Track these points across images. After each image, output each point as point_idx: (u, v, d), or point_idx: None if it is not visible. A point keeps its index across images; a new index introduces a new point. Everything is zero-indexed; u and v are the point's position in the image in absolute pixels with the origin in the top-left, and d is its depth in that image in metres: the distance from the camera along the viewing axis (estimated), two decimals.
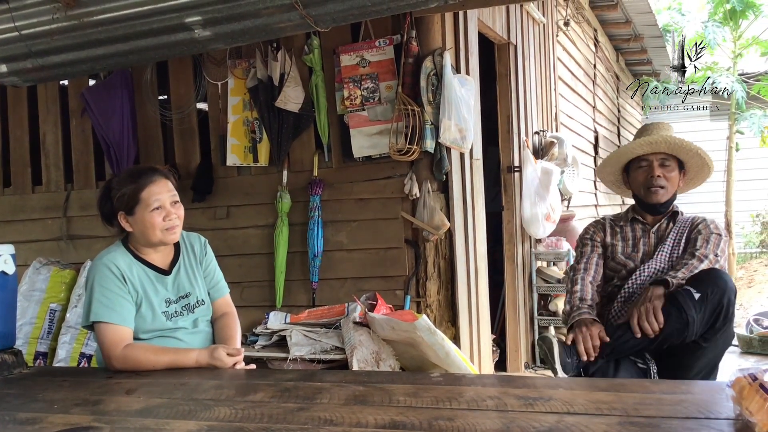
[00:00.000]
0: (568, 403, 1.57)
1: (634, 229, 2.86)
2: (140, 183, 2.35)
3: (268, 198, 4.08)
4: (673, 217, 2.81)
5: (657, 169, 2.74)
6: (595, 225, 2.98)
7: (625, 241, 2.85)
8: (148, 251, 2.43)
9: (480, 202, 4.21)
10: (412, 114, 3.58)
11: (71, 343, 4.14)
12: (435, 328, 3.22)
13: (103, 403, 1.87)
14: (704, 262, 2.60)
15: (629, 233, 2.86)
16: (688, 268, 2.58)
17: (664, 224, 2.81)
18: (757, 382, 1.33)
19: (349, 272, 3.94)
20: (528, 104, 5.42)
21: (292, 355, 3.48)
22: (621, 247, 2.85)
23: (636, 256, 2.80)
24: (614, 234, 2.89)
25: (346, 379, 1.98)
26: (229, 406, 1.73)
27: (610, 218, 2.99)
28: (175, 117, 4.38)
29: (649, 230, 2.82)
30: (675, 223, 2.79)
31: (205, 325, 2.52)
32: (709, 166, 2.79)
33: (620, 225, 2.90)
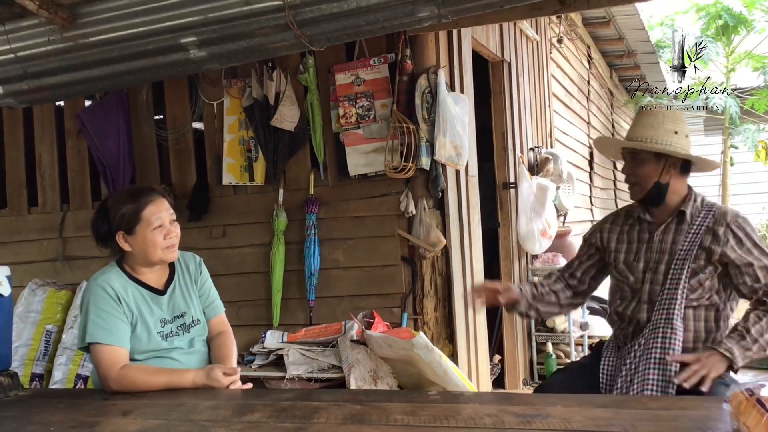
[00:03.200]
0: (566, 420, 1.57)
1: (640, 230, 2.57)
2: (140, 202, 2.35)
3: (264, 217, 4.08)
4: (680, 216, 2.48)
5: (625, 165, 2.54)
6: (599, 224, 2.73)
7: (629, 246, 2.58)
8: (143, 271, 2.42)
9: (476, 218, 4.22)
10: (408, 131, 3.59)
11: (67, 365, 4.11)
12: (432, 346, 3.21)
13: (100, 425, 1.86)
14: None
15: (634, 235, 2.58)
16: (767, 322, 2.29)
17: (673, 227, 2.48)
18: (754, 396, 1.33)
19: (345, 290, 3.93)
20: (523, 121, 5.45)
21: (289, 374, 3.47)
22: (624, 254, 2.58)
23: (636, 266, 2.53)
24: (620, 236, 2.62)
25: (343, 398, 1.97)
26: (225, 426, 1.73)
27: (623, 213, 2.69)
28: (171, 137, 4.38)
29: (654, 233, 2.52)
30: (686, 225, 2.46)
31: (201, 345, 2.51)
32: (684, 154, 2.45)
33: (629, 224, 2.61)
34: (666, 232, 2.50)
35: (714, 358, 2.25)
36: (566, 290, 2.73)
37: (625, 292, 2.58)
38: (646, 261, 2.52)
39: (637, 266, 2.53)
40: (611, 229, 2.67)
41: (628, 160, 2.54)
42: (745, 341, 2.27)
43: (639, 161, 2.48)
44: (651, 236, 2.53)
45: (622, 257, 2.59)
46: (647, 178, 2.46)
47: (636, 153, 2.49)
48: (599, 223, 2.77)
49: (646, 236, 2.55)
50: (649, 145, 2.44)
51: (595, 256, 2.72)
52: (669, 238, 2.48)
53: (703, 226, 2.42)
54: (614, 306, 2.65)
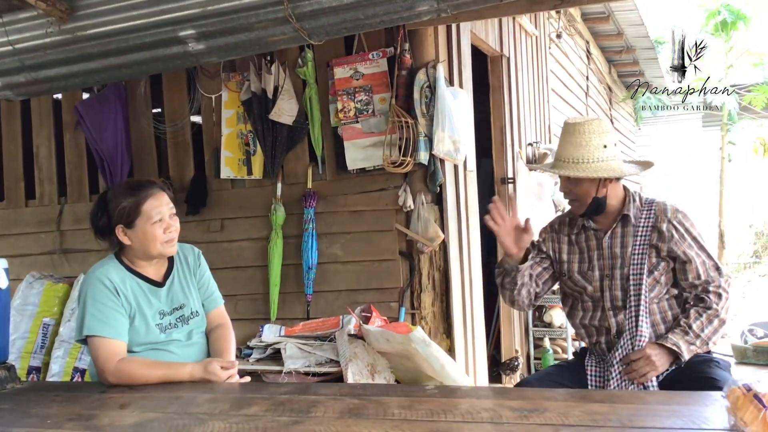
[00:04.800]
0: (563, 415, 1.57)
1: (587, 238, 2.61)
2: (140, 196, 2.34)
3: (262, 211, 4.07)
4: (624, 219, 2.53)
5: (562, 183, 2.57)
6: (548, 232, 2.73)
7: (581, 255, 2.62)
8: (142, 264, 2.41)
9: (474, 213, 4.22)
10: (406, 126, 3.59)
11: (65, 358, 4.11)
12: (430, 340, 3.21)
13: (97, 418, 1.86)
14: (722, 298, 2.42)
15: (583, 244, 2.62)
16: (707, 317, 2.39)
17: (619, 230, 2.54)
18: (752, 392, 1.33)
19: (343, 284, 3.93)
20: (521, 116, 5.44)
21: (286, 368, 3.47)
22: (577, 264, 2.62)
23: (592, 275, 2.57)
24: (569, 246, 2.65)
25: (341, 392, 1.97)
26: (223, 420, 1.72)
27: (565, 223, 2.71)
28: (169, 130, 4.38)
29: (602, 238, 2.56)
30: (631, 227, 2.52)
31: (200, 337, 2.50)
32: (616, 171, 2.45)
33: (575, 233, 2.64)
34: (614, 236, 2.56)
35: (660, 357, 2.38)
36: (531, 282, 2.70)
37: (585, 303, 2.62)
38: (600, 269, 2.57)
39: (593, 275, 2.58)
40: (560, 238, 2.69)
41: (563, 179, 2.56)
42: (689, 336, 2.38)
43: (575, 181, 2.50)
44: (600, 243, 2.58)
45: (576, 267, 2.63)
46: (585, 195, 2.51)
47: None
48: (547, 230, 2.76)
49: (594, 243, 2.60)
50: (582, 171, 2.44)
51: (545, 262, 2.72)
52: (618, 242, 2.55)
53: (648, 225, 2.50)
54: (577, 319, 2.66)
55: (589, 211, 2.53)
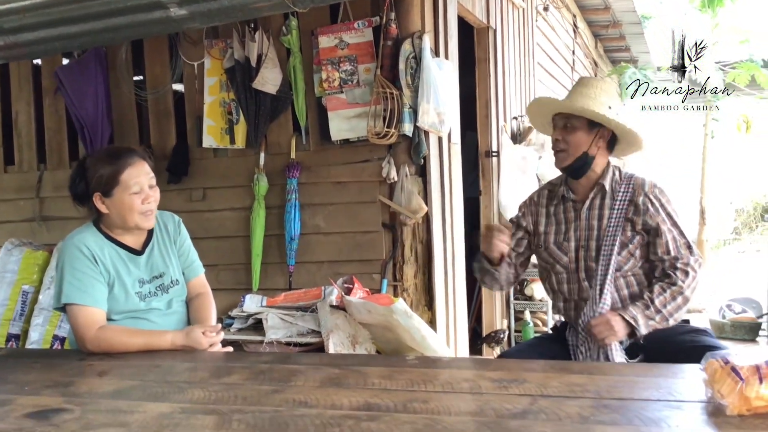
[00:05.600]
0: (542, 386, 1.58)
1: (566, 209, 2.62)
2: (119, 164, 2.29)
3: (244, 180, 4.04)
4: (602, 192, 2.55)
5: (556, 131, 2.56)
6: (527, 206, 2.75)
7: (558, 226, 2.62)
8: (120, 232, 2.38)
9: (457, 186, 4.21)
10: (391, 97, 3.56)
11: (44, 325, 4.09)
12: (411, 312, 3.21)
13: (75, 385, 1.85)
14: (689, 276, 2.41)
15: (561, 216, 2.62)
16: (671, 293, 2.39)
17: (597, 202, 2.55)
18: (729, 365, 1.35)
19: (325, 256, 3.92)
20: (507, 89, 5.42)
21: (268, 338, 3.47)
22: (553, 235, 2.62)
23: (568, 246, 2.57)
24: (548, 217, 2.66)
25: (321, 362, 1.98)
26: (202, 388, 1.72)
27: (544, 195, 2.72)
28: (151, 97, 4.32)
29: (580, 210, 2.57)
30: (609, 199, 2.53)
31: (180, 306, 2.49)
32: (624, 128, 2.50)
33: (554, 204, 2.65)
34: (591, 208, 2.57)
35: (618, 324, 2.37)
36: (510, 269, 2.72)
37: (560, 274, 2.62)
38: (576, 239, 2.58)
39: (569, 246, 2.59)
40: (538, 211, 2.70)
41: (560, 127, 2.57)
42: (649, 311, 2.38)
43: (572, 128, 2.53)
44: (578, 214, 2.59)
45: (552, 238, 2.64)
46: (577, 146, 2.52)
47: (569, 120, 2.53)
48: (526, 204, 2.78)
49: (572, 215, 2.61)
50: (590, 111, 2.47)
51: (524, 239, 2.73)
52: (595, 213, 2.56)
53: (626, 199, 2.52)
54: (553, 290, 2.68)
55: (574, 166, 2.54)
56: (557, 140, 2.56)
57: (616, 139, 2.59)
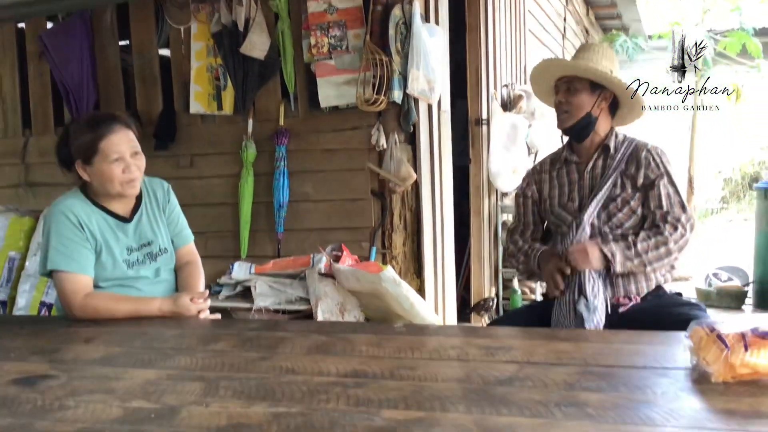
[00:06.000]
0: (528, 353, 1.59)
1: (569, 171, 2.65)
2: (99, 132, 2.24)
3: (232, 147, 4.01)
4: (605, 152, 2.58)
5: (559, 94, 2.59)
6: (530, 176, 2.79)
7: (561, 189, 2.65)
8: (107, 199, 2.35)
9: (447, 154, 4.19)
10: (380, 64, 3.52)
11: (31, 292, 4.07)
12: (400, 280, 3.22)
13: (61, 352, 1.84)
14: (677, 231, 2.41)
15: (564, 179, 2.65)
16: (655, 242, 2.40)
17: (600, 162, 2.58)
18: (715, 332, 1.35)
19: (314, 223, 3.91)
20: (497, 57, 5.38)
21: (256, 306, 3.47)
22: (557, 198, 2.65)
23: (572, 205, 2.59)
24: (551, 182, 2.69)
25: (309, 329, 1.98)
26: (189, 355, 1.72)
27: (547, 162, 2.77)
28: (137, 62, 4.25)
29: (584, 171, 2.60)
30: (610, 159, 2.56)
31: (168, 274, 2.47)
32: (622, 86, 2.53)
33: (557, 169, 2.69)
34: (594, 168, 2.60)
35: (595, 254, 2.39)
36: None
37: (565, 234, 2.62)
38: (580, 199, 2.59)
39: (573, 206, 2.60)
40: (542, 178, 2.74)
41: (563, 90, 2.60)
42: (629, 252, 2.39)
43: (574, 90, 2.56)
44: (581, 175, 2.62)
45: (556, 201, 2.66)
46: (580, 107, 2.56)
47: (572, 83, 2.57)
48: (529, 175, 2.83)
49: (575, 176, 2.64)
50: (592, 69, 2.50)
51: (533, 208, 2.76)
52: (598, 173, 2.58)
53: (626, 155, 2.55)
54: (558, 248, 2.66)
55: (577, 127, 2.56)
56: (560, 102, 2.59)
57: (617, 105, 2.62)
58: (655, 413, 1.19)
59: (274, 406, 1.32)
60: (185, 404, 1.35)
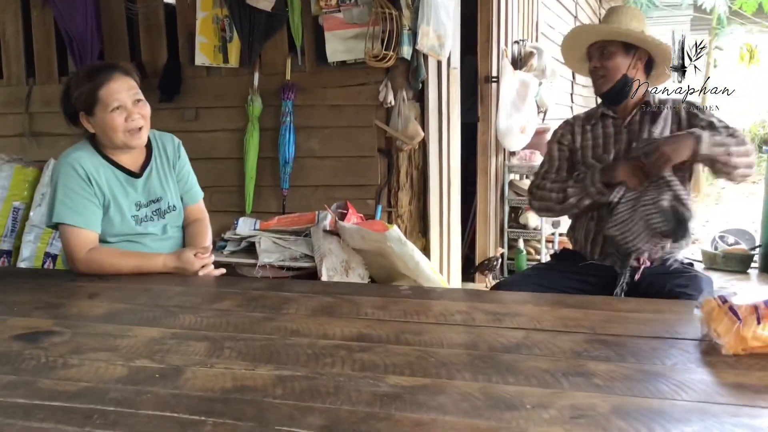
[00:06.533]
0: (535, 320, 1.57)
1: (605, 125, 2.62)
2: (97, 81, 2.19)
3: (238, 101, 3.96)
4: (646, 107, 2.56)
5: (594, 60, 2.57)
6: (564, 126, 2.75)
7: (595, 141, 2.62)
8: (116, 152, 2.30)
9: (456, 112, 4.14)
10: (390, 18, 3.45)
11: (35, 243, 4.08)
12: (405, 239, 3.20)
13: (65, 307, 1.83)
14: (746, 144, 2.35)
15: (600, 131, 2.63)
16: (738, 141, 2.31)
17: (638, 116, 2.57)
18: (727, 304, 1.33)
19: (320, 180, 3.88)
20: (509, 12, 5.27)
21: (260, 262, 3.46)
22: (591, 149, 2.62)
23: (606, 158, 2.56)
24: (584, 134, 2.66)
25: (314, 290, 1.96)
26: (194, 313, 1.71)
27: (582, 117, 2.74)
28: (141, 11, 4.18)
29: (621, 125, 2.58)
30: (649, 114, 2.55)
31: (175, 231, 2.45)
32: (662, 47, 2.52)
33: (591, 124, 2.66)
34: (632, 123, 2.58)
35: (682, 142, 2.30)
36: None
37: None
38: (616, 152, 2.56)
39: (608, 158, 2.57)
40: (574, 130, 2.70)
41: (597, 56, 2.58)
42: (714, 138, 2.30)
43: (609, 54, 2.55)
44: (618, 129, 2.60)
45: (590, 153, 2.63)
46: (616, 69, 2.54)
47: (605, 47, 2.55)
48: (564, 125, 2.76)
49: (611, 130, 2.61)
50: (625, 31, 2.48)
51: (570, 159, 2.70)
52: (636, 127, 2.56)
53: (669, 109, 2.53)
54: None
55: (614, 89, 2.54)
56: (596, 68, 2.57)
57: (652, 64, 2.59)
58: (665, 385, 1.18)
59: (279, 368, 1.31)
60: (190, 365, 1.34)
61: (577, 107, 7.98)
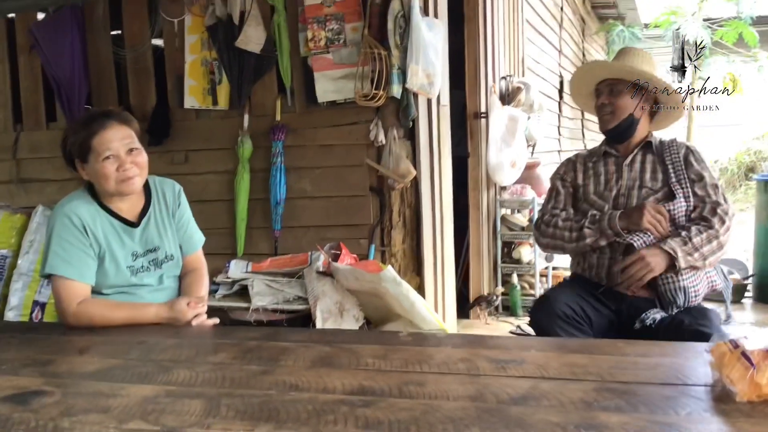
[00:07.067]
0: (541, 367, 1.53)
1: (606, 163, 2.69)
2: (91, 129, 2.17)
3: (228, 143, 3.93)
4: (647, 147, 2.65)
5: (603, 96, 2.63)
6: (567, 164, 2.82)
7: (597, 178, 2.69)
8: (113, 200, 2.26)
9: (446, 149, 4.12)
10: (379, 58, 3.45)
11: (23, 291, 4.00)
12: (400, 279, 3.16)
13: (55, 364, 1.77)
14: (725, 224, 2.44)
15: (601, 169, 2.70)
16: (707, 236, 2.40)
17: (639, 155, 2.64)
18: (739, 349, 1.29)
19: (312, 220, 3.84)
20: (496, 48, 5.30)
21: (253, 305, 3.41)
22: (593, 186, 2.68)
23: (608, 195, 2.63)
24: (586, 172, 2.73)
25: (311, 339, 1.91)
26: (188, 368, 1.65)
27: (583, 155, 2.82)
28: (129, 55, 4.17)
29: (623, 164, 2.65)
30: (651, 154, 2.63)
31: (171, 282, 2.39)
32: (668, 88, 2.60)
33: (593, 161, 2.73)
34: (634, 162, 2.64)
35: (657, 258, 2.38)
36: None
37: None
38: (618, 189, 2.62)
39: (609, 195, 2.63)
40: (576, 167, 2.77)
41: (606, 93, 2.64)
42: (687, 247, 2.39)
43: (618, 92, 2.62)
44: (620, 167, 2.66)
45: (591, 189, 2.68)
46: (624, 108, 2.61)
47: (615, 84, 2.61)
48: (567, 162, 2.83)
49: (613, 168, 2.67)
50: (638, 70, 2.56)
51: (573, 195, 2.75)
52: (637, 166, 2.63)
53: (670, 151, 2.60)
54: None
55: (620, 127, 2.61)
56: (603, 104, 2.63)
57: (658, 108, 2.68)
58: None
59: (279, 427, 1.26)
60: (185, 426, 1.29)
61: (564, 140, 8.02)
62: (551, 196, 2.80)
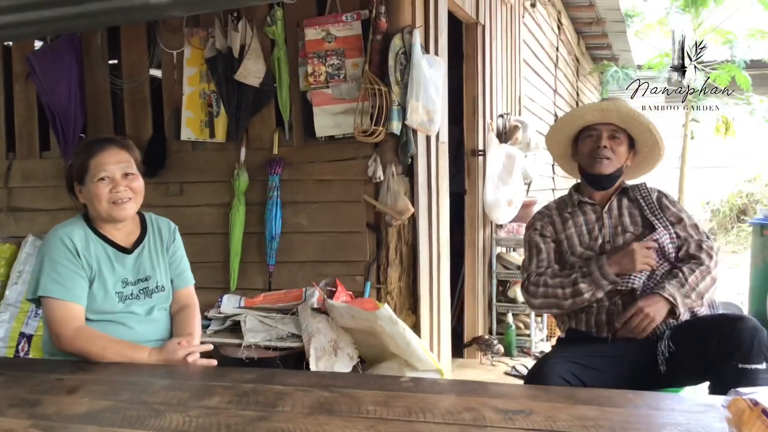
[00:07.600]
0: (550, 419, 1.47)
1: (585, 212, 2.63)
2: (90, 152, 2.21)
3: (224, 176, 3.89)
4: (623, 193, 2.64)
5: (605, 139, 2.58)
6: (541, 218, 2.71)
7: (579, 229, 2.62)
8: (108, 227, 2.26)
9: (444, 186, 4.10)
10: (379, 94, 3.43)
11: (10, 322, 3.92)
12: (396, 318, 3.11)
13: (42, 405, 1.70)
14: (713, 259, 2.47)
15: (581, 219, 2.63)
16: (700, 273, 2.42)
17: (615, 202, 2.61)
18: (759, 407, 1.25)
19: (307, 256, 3.79)
20: (494, 86, 5.31)
21: (246, 342, 3.34)
22: (577, 238, 2.60)
23: (595, 244, 2.56)
24: (565, 224, 2.64)
25: (309, 382, 1.84)
26: (181, 412, 1.59)
27: (554, 206, 2.73)
28: (127, 86, 4.14)
29: (602, 212, 2.60)
30: (628, 200, 2.62)
31: (161, 315, 2.35)
32: (659, 146, 2.63)
33: (569, 212, 2.66)
34: (611, 209, 2.62)
35: (657, 306, 2.35)
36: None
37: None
38: (602, 237, 2.59)
39: (596, 244, 2.58)
40: (554, 220, 2.70)
41: (607, 136, 2.60)
42: (684, 289, 2.39)
43: (619, 141, 2.61)
44: (599, 215, 2.62)
45: (576, 241, 2.63)
46: (621, 156, 2.61)
47: (617, 131, 2.61)
48: (541, 216, 2.75)
49: (593, 217, 2.64)
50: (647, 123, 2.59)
51: (557, 250, 2.67)
52: (615, 213, 2.61)
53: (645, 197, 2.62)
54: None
55: (614, 175, 2.61)
56: (605, 147, 2.58)
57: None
58: None
59: None
60: None
61: (558, 178, 8.02)
62: (533, 254, 2.67)
